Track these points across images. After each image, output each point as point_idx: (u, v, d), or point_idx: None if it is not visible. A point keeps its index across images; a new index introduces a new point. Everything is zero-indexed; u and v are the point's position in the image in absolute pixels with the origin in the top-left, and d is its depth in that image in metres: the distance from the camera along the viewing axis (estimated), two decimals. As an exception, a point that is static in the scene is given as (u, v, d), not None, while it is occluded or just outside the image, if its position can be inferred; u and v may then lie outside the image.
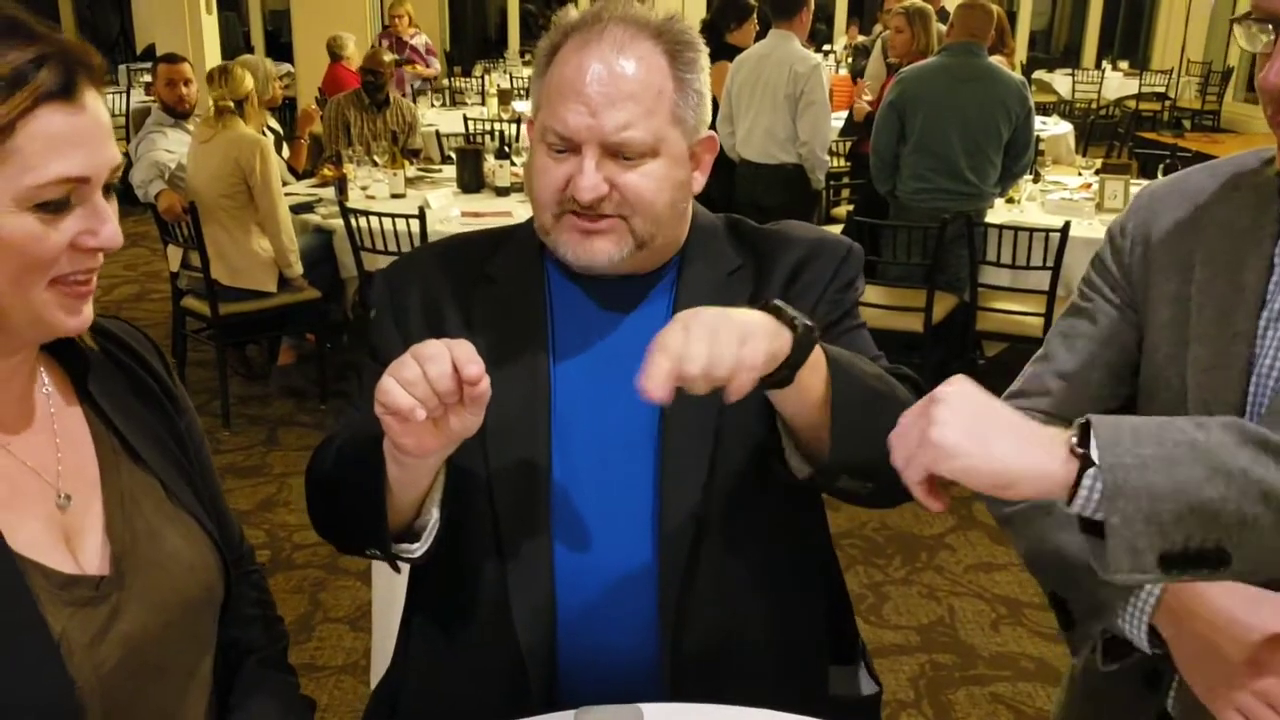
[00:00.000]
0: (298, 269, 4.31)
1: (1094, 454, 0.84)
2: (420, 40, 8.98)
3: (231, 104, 4.23)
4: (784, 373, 1.02)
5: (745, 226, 1.33)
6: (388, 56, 6.07)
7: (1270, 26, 0.97)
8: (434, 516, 1.15)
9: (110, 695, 0.92)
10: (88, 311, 0.94)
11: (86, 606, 0.93)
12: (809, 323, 1.04)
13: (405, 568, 1.27)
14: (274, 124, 5.76)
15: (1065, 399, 1.17)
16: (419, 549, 1.16)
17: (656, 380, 0.94)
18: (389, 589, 1.95)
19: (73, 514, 0.97)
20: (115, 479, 1.01)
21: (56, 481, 0.97)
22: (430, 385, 0.98)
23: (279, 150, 5.49)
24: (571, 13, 1.19)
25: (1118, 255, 1.17)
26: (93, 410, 1.03)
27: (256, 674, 1.15)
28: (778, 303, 1.05)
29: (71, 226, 0.89)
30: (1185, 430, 0.86)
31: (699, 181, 1.25)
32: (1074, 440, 0.86)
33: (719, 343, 0.95)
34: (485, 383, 1.00)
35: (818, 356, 1.06)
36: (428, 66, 8.95)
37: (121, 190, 5.48)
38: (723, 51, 5.33)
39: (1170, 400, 1.09)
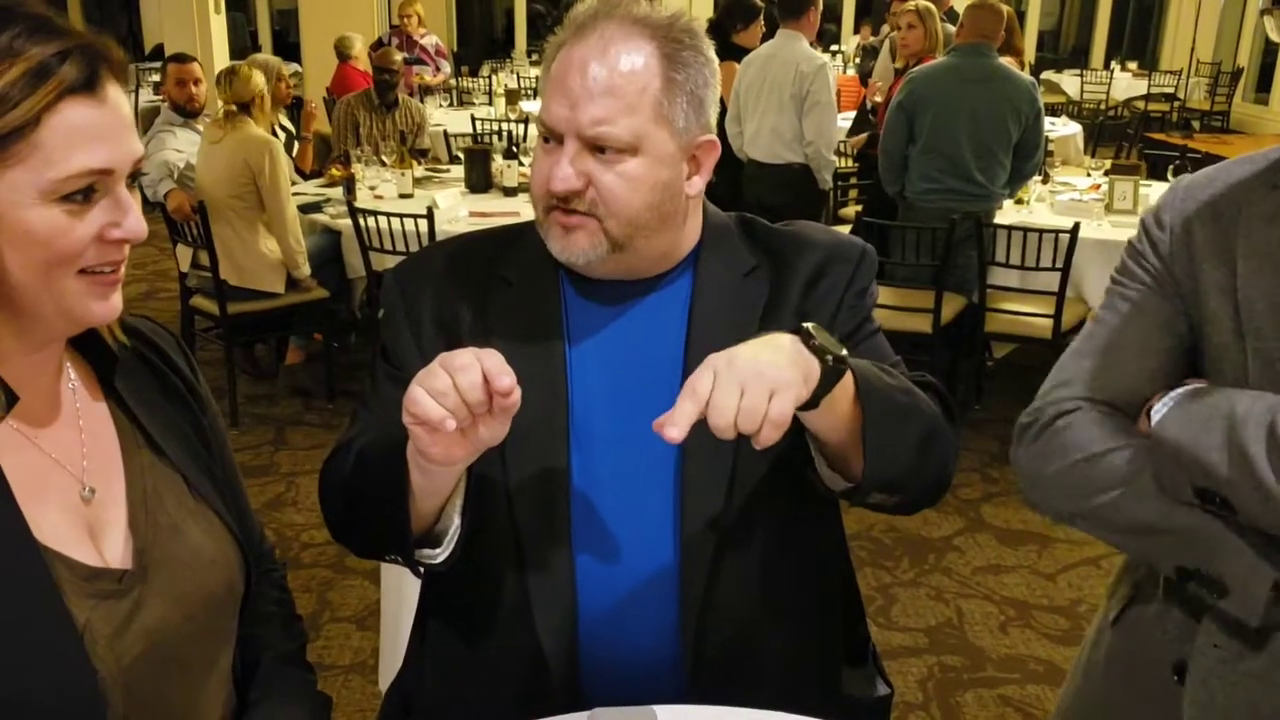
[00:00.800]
0: (305, 270, 4.31)
1: (1153, 416, 1.07)
2: (430, 40, 8.96)
3: (234, 106, 4.23)
4: (809, 401, 1.03)
5: (759, 225, 1.32)
6: (399, 55, 6.08)
7: None
8: (455, 523, 1.15)
9: (131, 687, 0.93)
10: (116, 300, 0.95)
11: (109, 599, 0.94)
12: (841, 353, 1.05)
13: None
14: (286, 123, 5.77)
15: (1119, 389, 1.14)
16: (441, 554, 1.15)
17: (680, 424, 0.97)
18: (398, 589, 1.95)
19: (97, 507, 0.98)
20: (139, 474, 1.02)
21: (81, 475, 0.98)
22: (461, 396, 0.98)
23: (290, 149, 5.50)
24: (580, 9, 1.19)
25: (1155, 246, 1.14)
26: (118, 406, 1.04)
27: (275, 670, 1.15)
28: (809, 328, 1.05)
29: (97, 218, 0.90)
30: (1239, 404, 1.00)
31: (697, 185, 1.22)
32: (1152, 407, 1.09)
33: (749, 396, 0.97)
34: (516, 394, 1.00)
35: (846, 379, 1.07)
36: (438, 70, 8.92)
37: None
38: (729, 52, 5.32)
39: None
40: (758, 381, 0.98)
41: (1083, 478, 1.09)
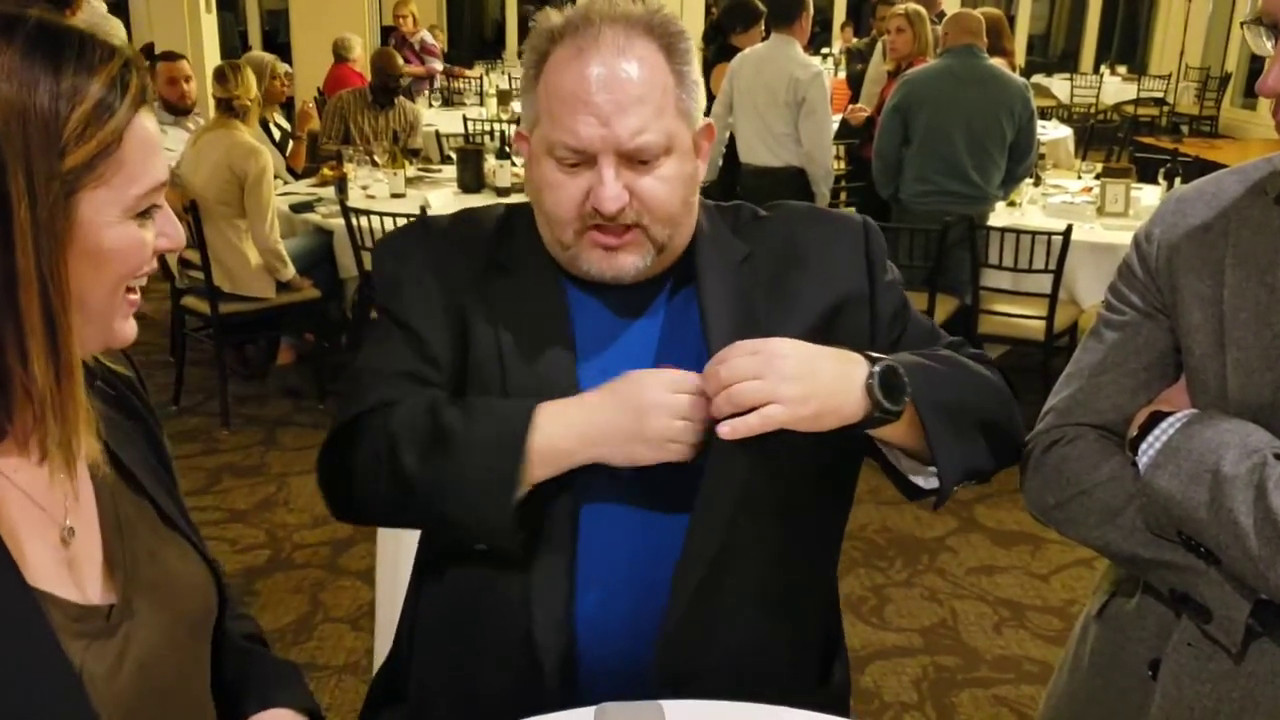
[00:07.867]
0: (289, 273, 4.26)
1: (1140, 460, 1.07)
2: (418, 38, 8.98)
3: (247, 102, 4.21)
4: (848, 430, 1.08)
5: (743, 211, 1.32)
6: (401, 61, 6.08)
7: (1271, 31, 0.98)
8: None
9: None
10: (134, 323, 0.95)
11: (100, 638, 0.91)
12: (896, 409, 1.08)
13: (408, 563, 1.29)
14: (282, 121, 5.75)
15: (1108, 412, 1.16)
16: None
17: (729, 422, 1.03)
18: (392, 588, 1.93)
19: (76, 542, 0.95)
20: (111, 505, 0.99)
21: (57, 512, 0.94)
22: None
23: (284, 149, 5.48)
24: (554, 17, 1.16)
25: (1144, 261, 1.16)
26: None
27: (244, 649, 1.14)
28: (883, 365, 1.08)
29: (154, 230, 0.90)
30: (1225, 459, 0.99)
31: (702, 170, 1.23)
32: (1133, 435, 1.09)
33: (756, 388, 1.02)
34: None
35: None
36: (422, 64, 8.95)
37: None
38: (726, 53, 5.31)
39: (1209, 402, 1.08)
40: (773, 381, 1.01)
41: (1081, 510, 1.13)
